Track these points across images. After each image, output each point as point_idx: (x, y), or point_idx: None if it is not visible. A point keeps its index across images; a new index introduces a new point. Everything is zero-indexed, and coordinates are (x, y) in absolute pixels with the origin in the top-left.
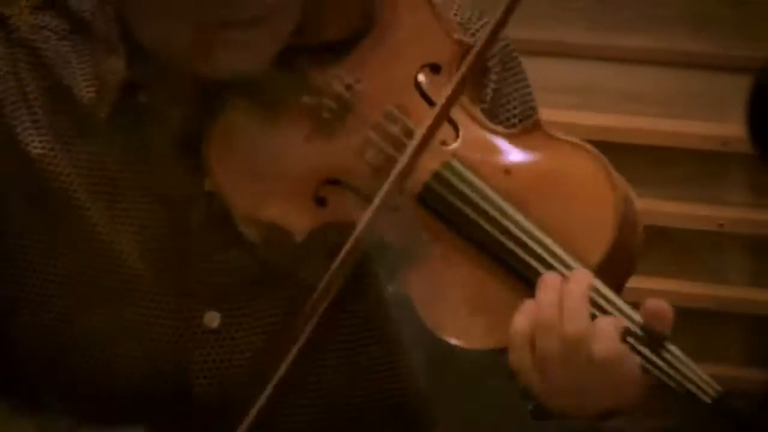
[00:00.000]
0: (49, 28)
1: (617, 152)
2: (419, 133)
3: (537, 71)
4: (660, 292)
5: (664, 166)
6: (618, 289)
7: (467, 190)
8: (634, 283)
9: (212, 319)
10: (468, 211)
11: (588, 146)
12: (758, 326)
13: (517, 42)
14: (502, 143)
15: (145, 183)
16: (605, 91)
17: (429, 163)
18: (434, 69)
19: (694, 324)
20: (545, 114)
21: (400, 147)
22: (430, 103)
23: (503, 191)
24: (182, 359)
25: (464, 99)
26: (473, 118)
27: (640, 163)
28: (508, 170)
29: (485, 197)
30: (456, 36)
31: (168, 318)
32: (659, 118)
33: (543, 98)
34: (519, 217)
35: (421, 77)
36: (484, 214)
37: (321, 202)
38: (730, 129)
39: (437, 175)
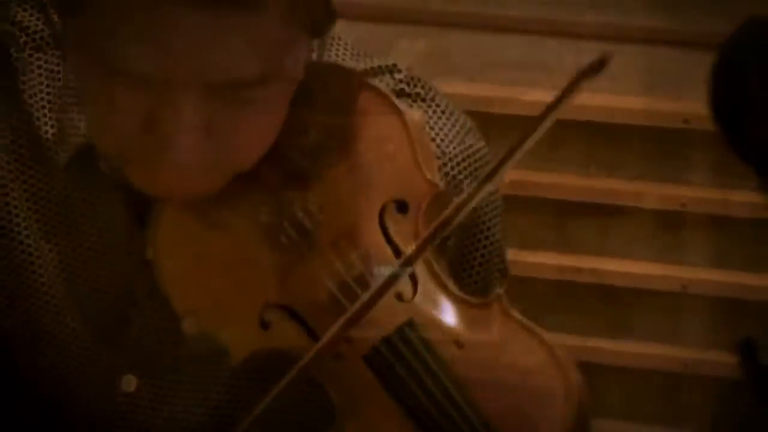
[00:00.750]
0: (28, 31)
1: (576, 130)
2: (375, 287)
3: (493, 48)
4: (621, 273)
5: (624, 144)
6: None
7: (415, 363)
8: (594, 263)
9: (129, 382)
10: (411, 383)
11: (545, 338)
12: (722, 308)
13: (472, 17)
14: (460, 312)
15: (91, 238)
16: (563, 68)
17: (381, 321)
18: (401, 207)
19: (657, 306)
20: (503, 91)
21: (353, 298)
22: (392, 244)
23: (453, 367)
24: (100, 418)
25: (428, 253)
26: (435, 276)
27: (599, 142)
28: (461, 344)
29: (432, 373)
30: (428, 176)
31: (86, 376)
32: (618, 95)
33: (500, 75)
34: (458, 398)
35: (387, 215)
36: (426, 390)
37: (265, 325)
38: (691, 106)
39: (387, 341)
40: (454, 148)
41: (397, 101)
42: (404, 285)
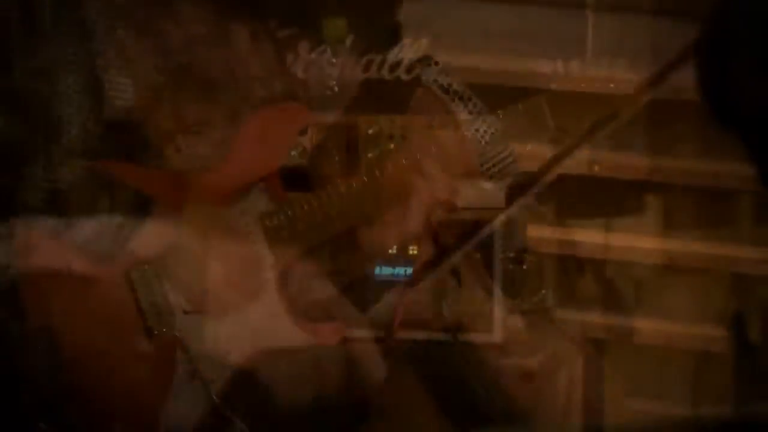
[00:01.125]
0: None
1: (558, 100)
2: (408, 280)
3: (476, 17)
4: (611, 247)
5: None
6: None
7: (456, 364)
8: (580, 236)
9: None
10: (451, 383)
11: (586, 346)
12: (709, 282)
13: None
14: (503, 316)
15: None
16: (545, 37)
17: (427, 321)
18: (444, 206)
19: (645, 280)
20: (485, 61)
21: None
22: (436, 242)
23: (494, 368)
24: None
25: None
26: (480, 278)
27: (583, 113)
28: (503, 346)
29: (472, 373)
30: (473, 177)
31: None
32: (602, 65)
33: (483, 44)
34: (497, 398)
35: (430, 213)
36: (466, 389)
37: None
38: (678, 76)
39: (431, 341)
40: (488, 151)
41: (451, 104)
42: (449, 283)
